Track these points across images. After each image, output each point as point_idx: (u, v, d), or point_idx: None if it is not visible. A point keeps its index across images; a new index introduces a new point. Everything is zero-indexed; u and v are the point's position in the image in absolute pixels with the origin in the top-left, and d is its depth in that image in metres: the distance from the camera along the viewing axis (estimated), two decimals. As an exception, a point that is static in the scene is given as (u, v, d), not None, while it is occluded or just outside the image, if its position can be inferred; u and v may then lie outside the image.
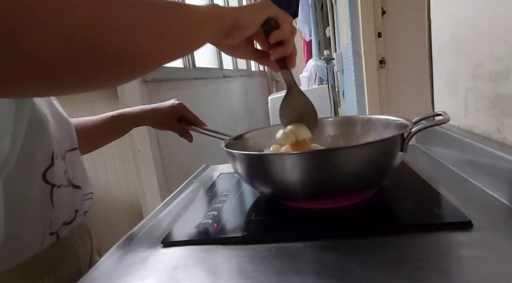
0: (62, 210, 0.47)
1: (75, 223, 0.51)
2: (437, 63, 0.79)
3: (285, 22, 0.47)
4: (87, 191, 0.54)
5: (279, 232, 0.47)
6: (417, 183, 0.57)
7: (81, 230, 0.53)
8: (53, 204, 0.45)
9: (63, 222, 0.48)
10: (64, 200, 0.48)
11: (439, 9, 0.75)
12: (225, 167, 0.86)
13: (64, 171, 0.48)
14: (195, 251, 0.45)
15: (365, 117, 0.67)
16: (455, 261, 0.36)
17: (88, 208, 0.55)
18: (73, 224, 0.50)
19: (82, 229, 0.54)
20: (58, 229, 0.47)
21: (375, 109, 1.62)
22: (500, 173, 0.48)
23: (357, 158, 0.47)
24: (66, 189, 0.48)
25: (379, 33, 1.57)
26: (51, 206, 0.45)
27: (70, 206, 0.50)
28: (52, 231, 0.46)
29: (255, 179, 0.54)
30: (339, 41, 2.50)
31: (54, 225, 0.46)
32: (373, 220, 0.46)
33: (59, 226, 0.47)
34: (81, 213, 0.53)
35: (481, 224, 0.41)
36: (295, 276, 0.36)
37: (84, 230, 0.54)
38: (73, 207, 0.50)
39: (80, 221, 0.53)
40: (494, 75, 0.54)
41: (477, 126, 0.61)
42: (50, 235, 0.45)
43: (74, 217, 0.50)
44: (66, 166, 0.49)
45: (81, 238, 0.53)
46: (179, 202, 0.66)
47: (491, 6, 0.54)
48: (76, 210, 0.51)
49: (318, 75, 3.66)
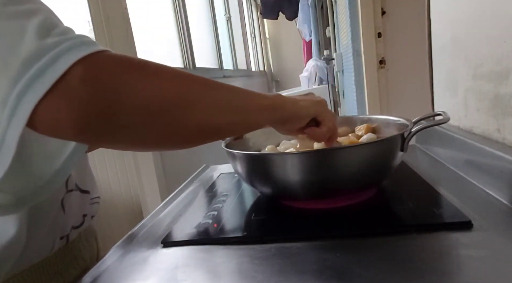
0: (72, 214, 0.48)
1: (83, 227, 0.51)
2: (437, 63, 0.79)
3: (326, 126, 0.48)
4: (94, 196, 0.55)
5: (279, 232, 0.47)
6: (417, 183, 0.57)
7: (87, 233, 0.54)
8: (64, 209, 0.45)
9: (72, 226, 0.48)
10: (73, 204, 0.48)
11: (439, 9, 0.75)
12: (225, 167, 0.86)
13: (73, 176, 0.49)
14: (195, 251, 0.45)
15: (365, 117, 0.67)
16: (455, 261, 0.36)
17: (95, 212, 0.55)
18: (82, 228, 0.51)
19: (89, 232, 0.54)
20: (68, 233, 0.47)
21: (375, 109, 1.62)
22: (500, 173, 0.48)
23: (357, 157, 0.47)
24: (75, 194, 0.49)
25: (379, 33, 1.57)
26: (62, 211, 0.45)
27: (78, 210, 0.50)
28: (62, 235, 0.46)
29: (255, 179, 0.54)
30: (339, 41, 2.50)
31: (64, 229, 0.46)
32: (373, 220, 0.46)
33: (69, 230, 0.47)
34: (89, 217, 0.53)
35: (481, 224, 0.41)
36: (295, 276, 0.36)
37: (90, 233, 0.55)
38: (81, 211, 0.51)
39: (87, 225, 0.53)
40: (494, 75, 0.54)
41: (477, 126, 0.61)
42: (61, 239, 0.46)
43: (83, 221, 0.51)
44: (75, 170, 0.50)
45: (87, 241, 0.53)
46: (179, 202, 0.66)
47: (491, 7, 0.54)
48: (84, 214, 0.52)
49: (318, 75, 3.66)
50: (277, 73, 6.00)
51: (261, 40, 5.65)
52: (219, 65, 3.02)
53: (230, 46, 3.72)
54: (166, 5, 2.14)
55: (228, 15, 3.80)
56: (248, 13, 5.00)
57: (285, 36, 5.70)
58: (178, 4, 2.18)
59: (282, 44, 5.85)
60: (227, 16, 3.78)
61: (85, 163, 0.53)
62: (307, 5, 3.69)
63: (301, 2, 3.81)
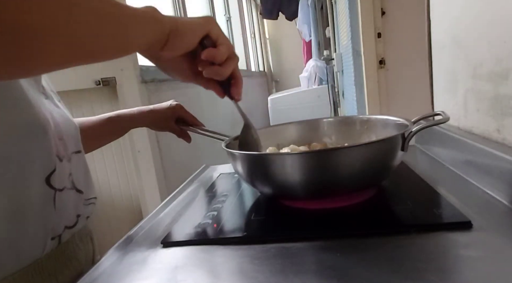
0: (64, 214, 0.47)
1: (77, 228, 0.50)
2: (437, 64, 0.79)
3: (224, 44, 0.44)
4: (90, 196, 0.54)
5: (279, 232, 0.47)
6: (416, 183, 0.57)
7: (82, 233, 0.53)
8: (55, 208, 0.45)
9: (65, 226, 0.47)
10: (67, 203, 0.47)
11: (438, 10, 0.76)
12: (225, 167, 0.86)
13: (68, 174, 0.48)
14: (195, 251, 0.45)
15: (365, 117, 0.67)
16: (454, 261, 0.36)
17: (90, 213, 0.54)
18: (75, 228, 0.50)
19: (83, 233, 0.54)
20: (61, 233, 0.47)
21: (374, 109, 1.62)
22: (499, 173, 0.48)
23: (358, 157, 0.47)
24: (69, 192, 0.48)
25: (378, 34, 1.57)
26: (53, 210, 0.44)
27: (72, 210, 0.49)
28: (54, 235, 0.45)
29: (256, 179, 0.54)
30: (339, 41, 2.50)
31: (56, 229, 0.46)
32: (373, 221, 0.46)
33: (61, 230, 0.47)
34: (83, 218, 0.52)
35: (480, 225, 0.41)
36: (295, 276, 0.36)
37: (85, 234, 0.54)
38: (75, 211, 0.50)
39: (82, 226, 0.53)
40: (493, 75, 0.54)
41: (476, 126, 0.61)
42: (52, 239, 0.45)
43: (76, 221, 0.50)
44: (71, 169, 0.49)
45: (82, 242, 0.52)
46: (179, 202, 0.66)
47: (490, 7, 0.54)
48: (78, 214, 0.51)
49: (318, 75, 3.66)
50: (277, 73, 6.00)
51: (261, 40, 5.66)
52: (219, 65, 3.02)
53: (230, 46, 3.71)
54: (166, 5, 2.14)
55: (228, 15, 3.81)
56: (248, 13, 5.01)
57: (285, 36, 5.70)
58: (178, 4, 2.19)
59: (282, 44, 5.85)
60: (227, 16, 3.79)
61: (81, 161, 0.53)
62: (307, 5, 3.69)
63: (301, 2, 3.82)
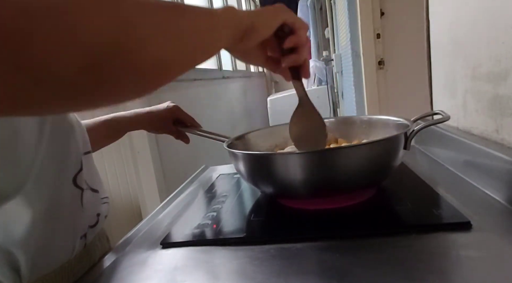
0: (87, 213, 0.48)
1: (98, 227, 0.51)
2: (436, 64, 0.80)
3: (301, 28, 0.45)
4: (103, 195, 0.55)
5: (278, 233, 0.47)
6: (416, 184, 0.57)
7: (100, 233, 0.54)
8: (83, 207, 0.45)
9: (89, 225, 0.48)
10: (89, 203, 0.48)
11: (437, 11, 0.76)
12: (224, 168, 0.86)
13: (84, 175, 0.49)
14: (194, 252, 0.45)
15: (364, 117, 0.67)
16: (454, 262, 0.36)
17: (106, 212, 0.55)
18: (97, 227, 0.51)
19: (101, 233, 0.54)
20: (86, 232, 0.47)
21: (374, 110, 1.62)
22: (498, 173, 0.48)
23: (359, 157, 0.47)
24: (87, 192, 0.49)
25: (378, 34, 1.57)
26: (81, 210, 0.45)
27: (93, 209, 0.50)
28: (81, 234, 0.46)
29: (257, 179, 0.54)
30: (338, 42, 2.50)
31: (83, 228, 0.46)
32: (373, 221, 0.46)
33: (86, 229, 0.47)
34: (102, 217, 0.53)
35: (480, 225, 0.41)
36: (295, 276, 0.36)
37: (102, 234, 0.55)
38: (95, 210, 0.51)
39: (101, 225, 0.53)
40: (492, 76, 0.54)
41: (475, 127, 0.61)
42: (80, 239, 0.46)
43: (97, 220, 0.51)
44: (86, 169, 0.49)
45: (100, 241, 0.53)
46: (178, 203, 0.66)
47: (489, 8, 0.54)
48: (98, 213, 0.52)
49: (317, 76, 3.66)
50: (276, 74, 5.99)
51: (260, 41, 5.65)
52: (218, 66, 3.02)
53: (229, 47, 3.71)
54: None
55: (227, 16, 3.80)
56: (247, 14, 5.00)
57: (284, 37, 5.69)
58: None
59: (281, 45, 5.84)
60: (226, 17, 3.78)
61: (91, 162, 0.53)
62: (306, 6, 3.69)
63: (300, 3, 3.82)
